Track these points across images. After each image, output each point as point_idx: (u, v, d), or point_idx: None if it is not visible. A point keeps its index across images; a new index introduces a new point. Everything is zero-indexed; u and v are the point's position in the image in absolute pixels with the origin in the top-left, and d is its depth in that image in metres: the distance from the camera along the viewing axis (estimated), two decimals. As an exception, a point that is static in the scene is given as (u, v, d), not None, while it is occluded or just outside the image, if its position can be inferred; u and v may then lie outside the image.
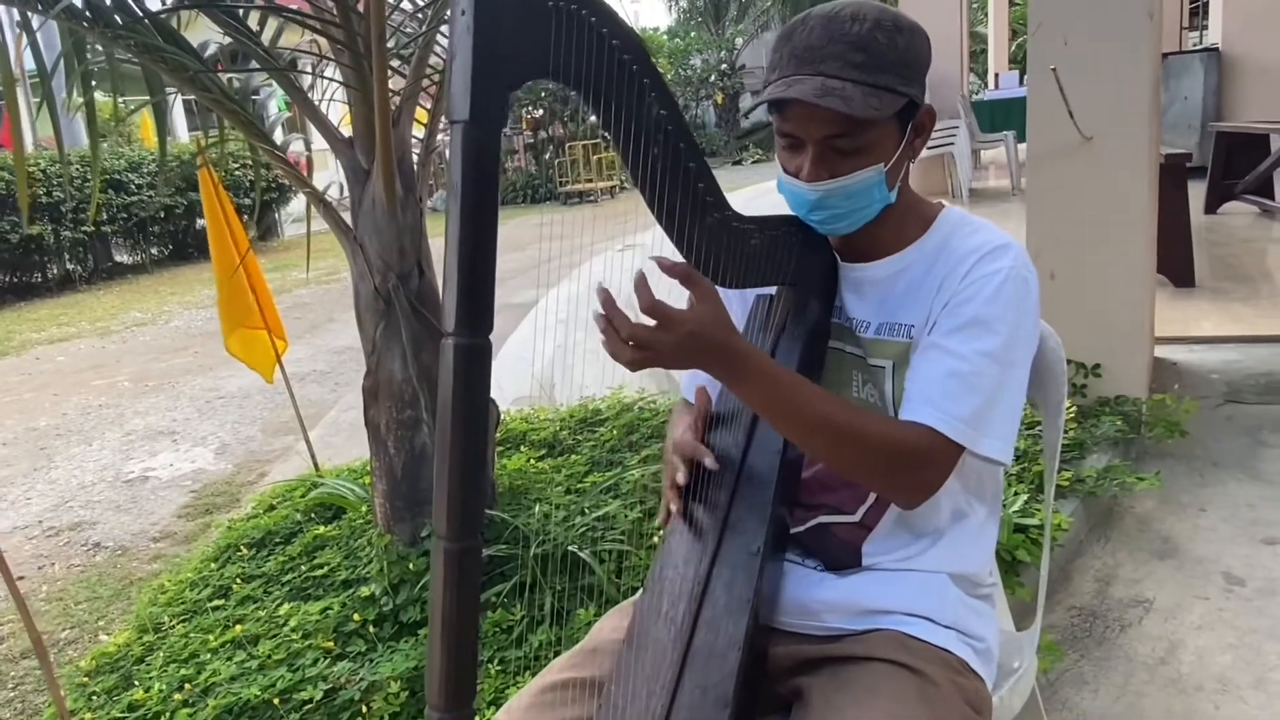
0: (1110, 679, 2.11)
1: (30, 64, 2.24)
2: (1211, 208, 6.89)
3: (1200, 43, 10.42)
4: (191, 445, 5.48)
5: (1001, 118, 10.34)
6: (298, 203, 14.67)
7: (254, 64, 2.47)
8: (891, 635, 1.25)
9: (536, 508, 2.62)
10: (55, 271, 12.49)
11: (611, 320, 1.05)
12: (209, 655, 2.49)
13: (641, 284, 1.05)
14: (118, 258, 13.64)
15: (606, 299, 1.06)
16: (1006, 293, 1.20)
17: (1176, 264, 4.63)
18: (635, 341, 1.06)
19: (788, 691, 1.27)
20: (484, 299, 0.98)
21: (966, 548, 1.33)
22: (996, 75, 12.99)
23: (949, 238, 1.29)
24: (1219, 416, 3.18)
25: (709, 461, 1.26)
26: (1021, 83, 11.91)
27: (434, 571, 1.02)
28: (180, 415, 6.10)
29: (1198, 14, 11.68)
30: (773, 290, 1.40)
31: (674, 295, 1.11)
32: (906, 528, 1.30)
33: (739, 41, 24.17)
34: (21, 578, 3.82)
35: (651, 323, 1.06)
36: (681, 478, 1.26)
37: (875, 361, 1.30)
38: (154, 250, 13.82)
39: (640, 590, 1.37)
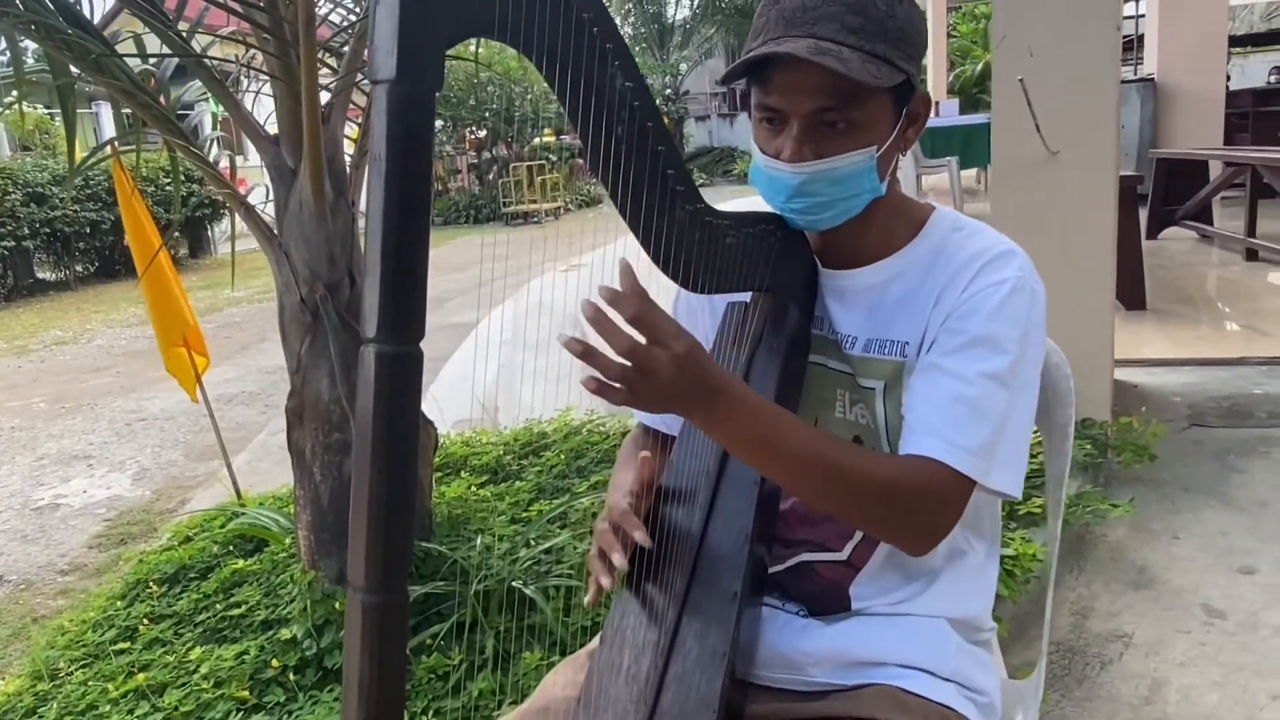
0: (1094, 721, 1.98)
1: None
2: (1152, 233, 6.96)
3: (1136, 74, 10.65)
4: (108, 470, 5.17)
5: (943, 144, 10.45)
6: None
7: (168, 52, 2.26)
8: (886, 691, 1.10)
9: (478, 539, 2.42)
10: (-29, 288, 11.92)
11: (603, 333, 0.86)
12: (108, 707, 2.24)
13: (620, 294, 0.86)
14: (40, 274, 13.10)
15: (595, 314, 0.85)
16: (1013, 306, 1.06)
17: (1128, 286, 4.61)
18: (633, 361, 0.86)
19: (769, 758, 1.10)
20: (413, 298, 0.80)
21: (966, 589, 1.18)
22: (937, 103, 13.16)
23: (944, 242, 1.14)
24: (1185, 440, 3.10)
25: (639, 536, 1.07)
26: (961, 111, 12.11)
27: (349, 630, 0.84)
28: (98, 438, 5.77)
29: (1132, 46, 11.97)
30: (746, 297, 1.23)
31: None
32: (898, 568, 1.15)
33: (683, 67, 24.31)
34: (-91, 616, 3.51)
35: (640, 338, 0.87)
36: (619, 560, 1.07)
37: (865, 382, 1.14)
38: (79, 267, 13.28)
39: (597, 639, 1.19)
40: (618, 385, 0.88)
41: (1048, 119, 2.89)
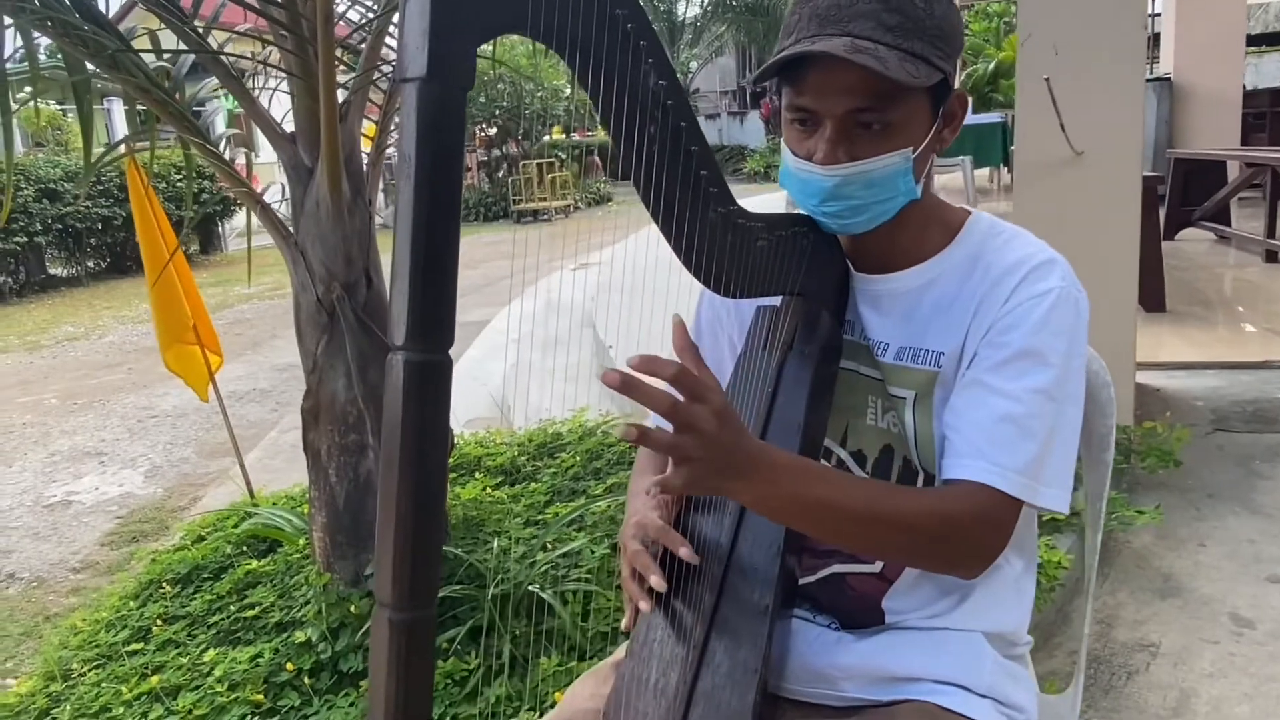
0: (1121, 733, 1.94)
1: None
2: (1169, 234, 6.88)
3: (1151, 73, 10.57)
4: (120, 467, 5.17)
5: (956, 144, 10.33)
6: (243, 216, 14.20)
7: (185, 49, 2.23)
8: (921, 707, 1.07)
9: (494, 542, 2.39)
10: (-16, 283, 11.94)
11: (639, 396, 0.80)
12: (122, 709, 2.22)
13: (653, 359, 0.81)
14: (52, 270, 13.12)
15: (622, 380, 0.78)
16: (1057, 317, 1.03)
17: (1148, 288, 4.55)
18: (676, 421, 0.83)
19: (800, 774, 1.07)
20: (443, 303, 0.77)
21: (1002, 603, 1.15)
22: (949, 102, 13.06)
23: (981, 248, 1.11)
24: (1210, 445, 3.06)
25: (684, 553, 1.04)
26: (973, 110, 12.03)
27: (375, 648, 0.81)
28: (110, 435, 5.77)
29: (1148, 45, 11.87)
30: (776, 301, 1.20)
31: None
32: (932, 580, 1.12)
33: (693, 65, 24.23)
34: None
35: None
36: (657, 581, 1.04)
37: (895, 390, 1.11)
38: (90, 263, 13.31)
39: (622, 650, 1.16)
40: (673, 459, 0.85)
41: (1072, 119, 2.85)
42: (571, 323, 5.47)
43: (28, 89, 2.37)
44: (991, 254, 1.10)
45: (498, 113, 17.92)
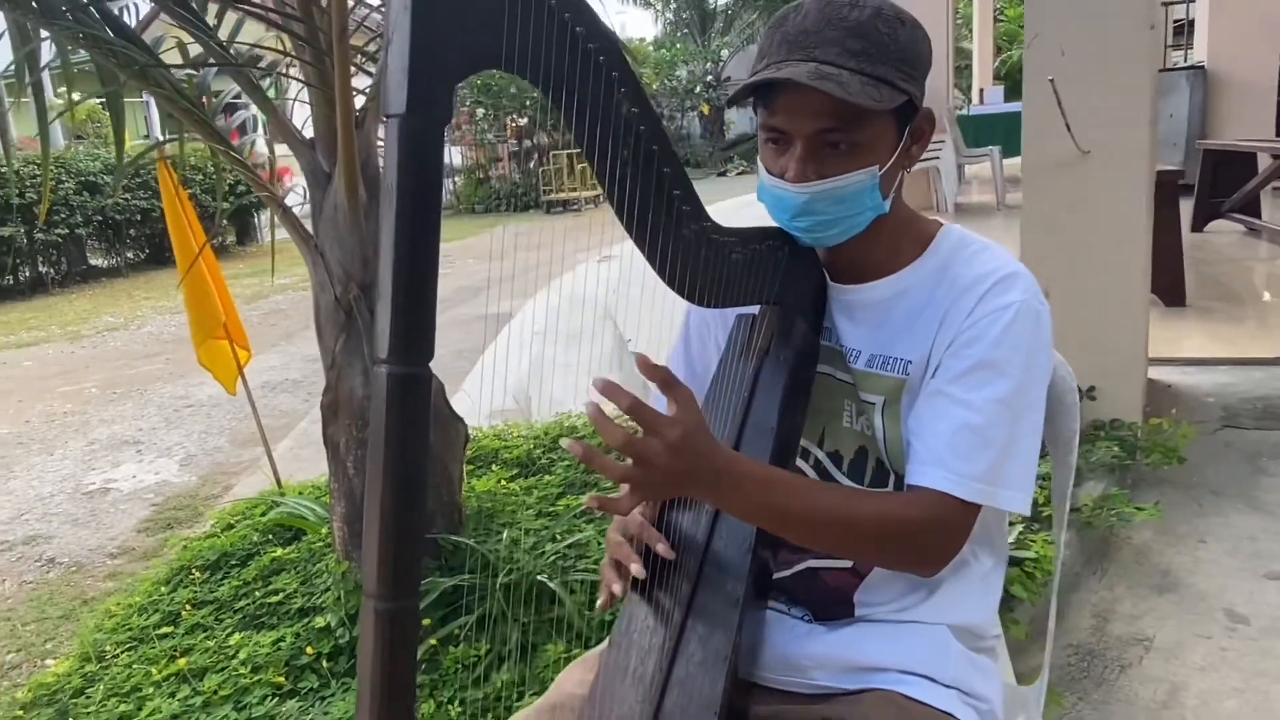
0: (1110, 725, 1.98)
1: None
2: (1198, 226, 6.81)
3: (1185, 60, 10.41)
4: (156, 456, 5.30)
5: (986, 133, 10.30)
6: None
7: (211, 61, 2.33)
8: (887, 696, 1.13)
9: (505, 533, 2.47)
10: (27, 274, 12.22)
11: (600, 430, 0.90)
12: (152, 689, 2.33)
13: (613, 386, 0.90)
14: (92, 261, 13.38)
15: (596, 413, 0.90)
16: (1017, 330, 1.09)
17: (1168, 282, 4.53)
18: (629, 454, 0.91)
19: (771, 757, 1.14)
20: (422, 321, 0.85)
21: (969, 597, 1.21)
22: (981, 91, 12.95)
23: (950, 260, 1.16)
24: (1217, 442, 3.07)
25: (661, 548, 1.13)
26: (1006, 98, 11.91)
27: (363, 635, 0.89)
28: (147, 424, 5.91)
29: (1182, 32, 11.67)
30: (755, 310, 1.26)
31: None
32: (902, 575, 1.18)
33: (724, 54, 24.16)
34: (-33, 597, 3.65)
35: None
36: (637, 569, 1.12)
37: (866, 396, 1.17)
38: (129, 254, 13.57)
39: (607, 641, 1.24)
40: (623, 485, 0.93)
41: (1081, 118, 2.87)
42: (595, 316, 5.53)
43: (64, 87, 2.48)
44: (959, 266, 1.15)
45: (528, 103, 17.99)
